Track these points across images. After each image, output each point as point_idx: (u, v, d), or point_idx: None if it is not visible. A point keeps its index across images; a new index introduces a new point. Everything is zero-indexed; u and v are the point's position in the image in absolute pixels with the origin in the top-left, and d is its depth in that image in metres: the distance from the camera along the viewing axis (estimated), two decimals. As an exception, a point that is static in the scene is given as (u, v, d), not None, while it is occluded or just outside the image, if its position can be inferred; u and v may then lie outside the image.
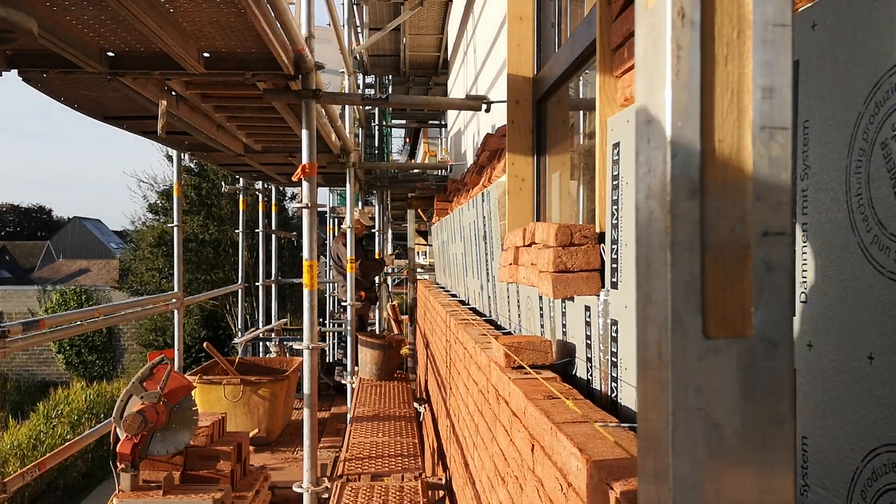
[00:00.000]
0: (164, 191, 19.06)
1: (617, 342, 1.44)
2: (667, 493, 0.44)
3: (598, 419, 1.24)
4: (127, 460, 3.06)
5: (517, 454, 1.62)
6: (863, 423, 0.70)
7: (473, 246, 3.68)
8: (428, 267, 10.88)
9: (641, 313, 0.48)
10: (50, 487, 11.72)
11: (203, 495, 3.15)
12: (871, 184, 0.69)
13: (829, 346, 0.75)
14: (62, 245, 39.92)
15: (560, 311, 1.88)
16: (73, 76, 3.18)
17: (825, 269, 0.76)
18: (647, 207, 0.47)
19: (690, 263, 0.44)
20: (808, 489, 0.78)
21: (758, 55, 0.45)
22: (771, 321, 0.45)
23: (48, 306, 21.28)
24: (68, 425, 13.27)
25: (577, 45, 1.99)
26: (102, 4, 2.48)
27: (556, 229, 1.57)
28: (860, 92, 0.71)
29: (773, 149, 0.45)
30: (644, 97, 0.47)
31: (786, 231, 0.45)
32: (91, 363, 20.71)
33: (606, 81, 1.52)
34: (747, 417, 0.45)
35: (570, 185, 2.55)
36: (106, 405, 13.99)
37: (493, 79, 3.91)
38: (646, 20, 0.47)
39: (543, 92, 2.47)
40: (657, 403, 0.45)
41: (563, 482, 1.19)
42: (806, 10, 0.79)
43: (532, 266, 1.83)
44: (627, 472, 0.97)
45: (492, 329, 2.74)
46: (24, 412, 14.53)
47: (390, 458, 3.92)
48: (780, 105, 0.45)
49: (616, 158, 1.46)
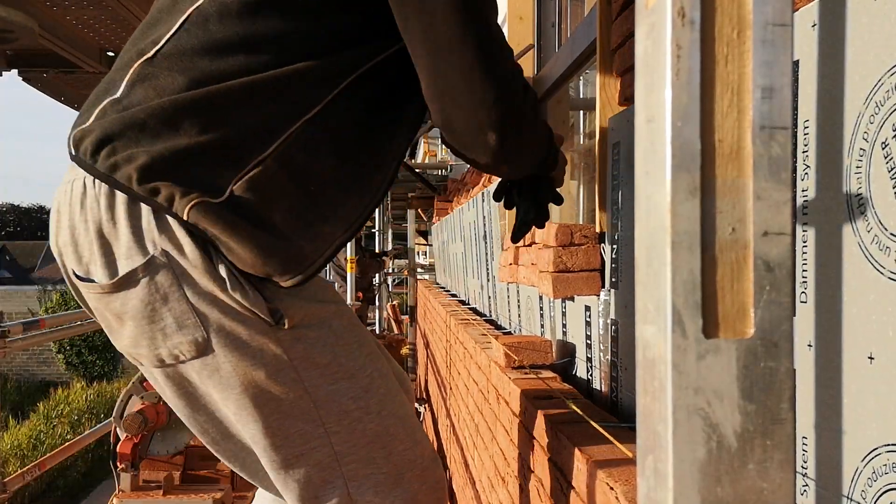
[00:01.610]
0: (165, 191, 19.04)
1: (617, 342, 1.44)
2: (667, 493, 0.44)
3: (598, 419, 1.25)
4: (127, 460, 3.06)
5: (518, 454, 1.62)
6: (863, 423, 0.70)
7: (473, 246, 3.68)
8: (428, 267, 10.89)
9: (641, 313, 0.48)
10: (50, 487, 11.72)
11: (203, 495, 3.15)
12: (871, 184, 0.69)
13: (829, 346, 0.75)
14: (62, 245, 39.87)
15: (560, 310, 1.88)
16: (73, 76, 3.18)
17: (825, 269, 0.76)
18: (647, 207, 0.47)
19: (690, 263, 0.44)
20: (808, 489, 0.78)
21: (758, 55, 0.45)
22: (771, 321, 0.45)
23: (48, 306, 21.27)
24: (68, 425, 13.28)
25: (577, 45, 1.99)
26: (102, 4, 2.48)
27: (556, 229, 1.57)
28: (860, 92, 0.71)
29: (773, 149, 0.45)
30: (644, 97, 0.47)
31: (786, 231, 0.45)
32: (91, 363, 20.70)
33: (606, 81, 1.52)
34: (747, 417, 0.45)
35: (570, 184, 2.55)
36: (106, 405, 14.00)
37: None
38: (646, 20, 0.47)
39: (543, 92, 2.47)
40: (657, 403, 0.45)
41: (564, 482, 1.19)
42: (806, 9, 0.79)
43: (532, 266, 1.83)
44: (627, 472, 0.97)
45: (492, 329, 2.74)
46: (25, 412, 14.53)
47: (390, 458, 3.91)
48: (781, 105, 0.45)
49: (616, 158, 1.46)
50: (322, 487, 1.05)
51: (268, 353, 0.99)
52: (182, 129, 0.94)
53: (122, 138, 0.95)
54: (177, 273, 0.96)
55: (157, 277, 0.96)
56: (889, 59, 0.67)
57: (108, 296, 0.99)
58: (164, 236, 0.95)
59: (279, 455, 1.04)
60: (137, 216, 0.96)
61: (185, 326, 0.97)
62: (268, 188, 0.97)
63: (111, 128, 0.96)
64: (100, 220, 0.97)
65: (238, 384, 0.99)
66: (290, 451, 1.04)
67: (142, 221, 0.96)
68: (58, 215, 1.03)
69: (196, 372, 1.01)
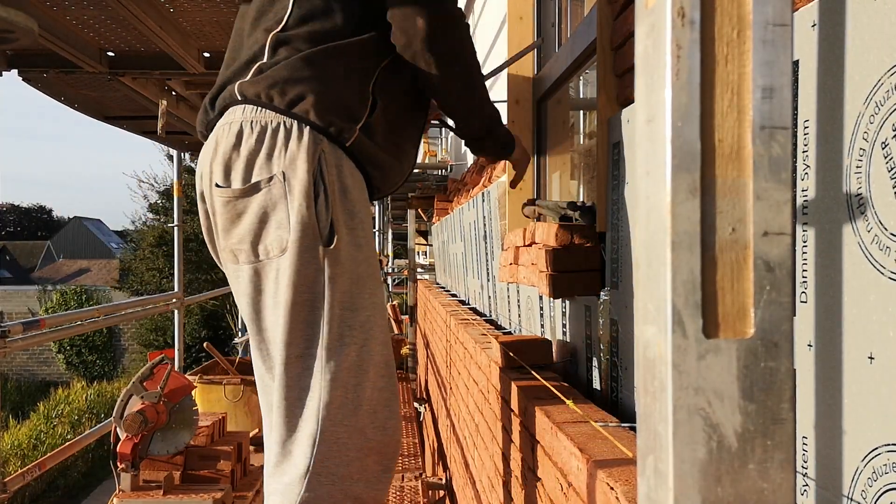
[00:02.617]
0: (165, 190, 19.06)
1: (617, 342, 1.44)
2: (667, 492, 0.44)
3: (599, 419, 1.25)
4: (127, 460, 3.07)
5: (518, 454, 1.62)
6: (863, 422, 0.70)
7: (473, 246, 3.68)
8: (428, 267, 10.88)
9: (641, 313, 0.48)
10: (50, 487, 11.73)
11: (203, 495, 3.15)
12: (871, 184, 0.69)
13: (830, 346, 0.75)
14: (62, 245, 39.93)
15: (560, 311, 1.88)
16: (73, 76, 3.18)
17: (825, 269, 0.76)
18: (647, 207, 0.47)
19: (690, 263, 0.44)
20: (808, 489, 0.78)
21: (758, 55, 0.45)
22: (771, 321, 0.45)
23: (48, 306, 21.27)
24: (69, 425, 13.28)
25: (578, 45, 1.99)
26: (102, 4, 2.48)
27: (556, 229, 1.57)
28: (860, 92, 0.71)
29: (773, 148, 0.45)
30: (644, 97, 0.47)
31: (786, 231, 0.45)
32: (91, 363, 20.70)
33: (606, 81, 1.52)
34: (747, 417, 0.45)
35: (571, 184, 2.55)
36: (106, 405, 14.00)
37: (493, 78, 3.91)
38: (646, 20, 0.47)
39: (544, 92, 2.47)
40: (657, 403, 0.45)
41: (564, 482, 1.19)
42: (806, 9, 0.79)
43: (532, 266, 1.83)
44: (627, 472, 0.97)
45: (492, 329, 2.74)
46: (25, 412, 14.53)
47: (390, 458, 3.91)
48: (781, 105, 0.45)
49: (616, 158, 1.46)
50: (305, 391, 1.33)
51: (317, 263, 1.30)
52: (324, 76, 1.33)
53: (288, 83, 1.32)
54: (287, 188, 1.29)
55: (273, 189, 1.30)
56: (889, 59, 0.67)
57: (237, 200, 1.33)
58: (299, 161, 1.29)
59: (287, 351, 1.33)
60: (284, 142, 1.30)
61: (281, 228, 1.30)
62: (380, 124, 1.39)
63: (277, 76, 1.32)
64: (251, 148, 1.31)
65: (289, 283, 1.30)
66: (294, 350, 1.33)
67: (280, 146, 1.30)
68: (216, 144, 1.38)
69: (273, 269, 1.32)
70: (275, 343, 1.36)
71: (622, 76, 1.48)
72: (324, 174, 1.30)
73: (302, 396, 1.33)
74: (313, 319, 1.32)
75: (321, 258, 1.30)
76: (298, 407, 1.34)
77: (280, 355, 1.34)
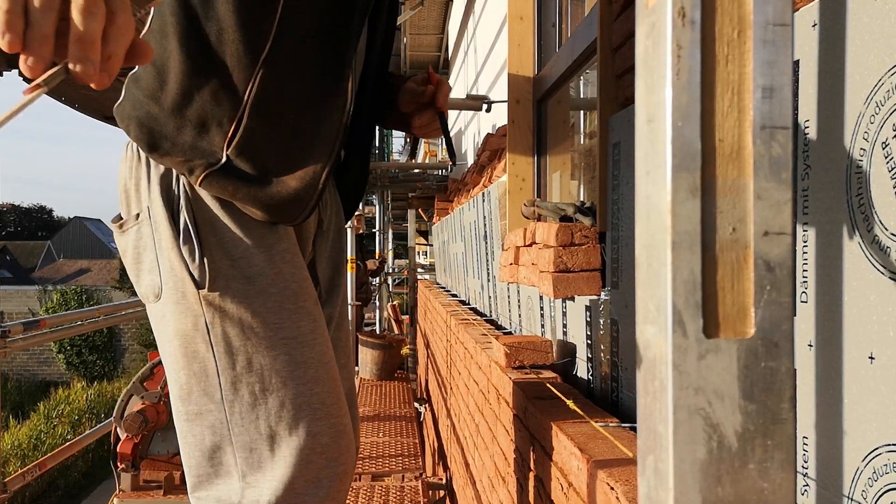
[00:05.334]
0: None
1: (617, 342, 1.44)
2: (667, 493, 0.44)
3: (599, 419, 1.25)
4: (127, 460, 3.07)
5: (518, 454, 1.62)
6: (863, 422, 0.70)
7: (474, 246, 3.68)
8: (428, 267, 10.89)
9: (642, 313, 0.48)
10: (51, 487, 11.73)
11: (203, 495, 3.14)
12: (872, 184, 0.69)
13: (830, 346, 0.75)
14: (63, 245, 39.94)
15: (560, 310, 1.88)
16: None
17: (825, 269, 0.76)
18: (647, 207, 0.47)
19: (691, 263, 0.44)
20: (809, 489, 0.78)
21: (758, 55, 0.45)
22: (771, 321, 0.45)
23: (49, 306, 21.28)
24: (69, 425, 13.29)
25: (578, 45, 1.99)
26: (103, 4, 2.48)
27: (557, 229, 1.57)
28: (860, 92, 0.71)
29: (773, 148, 0.45)
30: (644, 97, 0.47)
31: (786, 231, 0.45)
32: (91, 363, 20.71)
33: (607, 81, 1.52)
34: (748, 417, 0.45)
35: (571, 184, 2.55)
36: (106, 405, 14.00)
37: (493, 78, 3.91)
38: (646, 20, 0.47)
39: (544, 92, 2.47)
40: (658, 403, 0.45)
41: (564, 482, 1.19)
42: (806, 9, 0.79)
43: (532, 266, 1.83)
44: (627, 472, 0.97)
45: (492, 329, 2.74)
46: (25, 412, 14.54)
47: (391, 458, 3.92)
48: (781, 105, 0.45)
49: (616, 158, 1.46)
50: (213, 451, 1.14)
51: (194, 310, 1.11)
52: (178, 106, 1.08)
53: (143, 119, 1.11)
54: (153, 226, 1.12)
55: (142, 227, 1.14)
56: (889, 59, 0.67)
57: (119, 235, 1.19)
58: (153, 195, 1.11)
59: (184, 407, 1.15)
60: (148, 175, 1.13)
61: (152, 272, 1.13)
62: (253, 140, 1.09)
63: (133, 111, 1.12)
64: (124, 175, 1.17)
65: (172, 332, 1.13)
66: (191, 407, 1.14)
67: (148, 180, 1.13)
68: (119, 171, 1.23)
69: (154, 315, 1.16)
70: (172, 398, 1.18)
71: (622, 76, 1.48)
72: (180, 203, 1.11)
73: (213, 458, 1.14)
74: (205, 371, 1.12)
75: (198, 303, 1.10)
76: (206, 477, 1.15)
77: (177, 412, 1.16)
